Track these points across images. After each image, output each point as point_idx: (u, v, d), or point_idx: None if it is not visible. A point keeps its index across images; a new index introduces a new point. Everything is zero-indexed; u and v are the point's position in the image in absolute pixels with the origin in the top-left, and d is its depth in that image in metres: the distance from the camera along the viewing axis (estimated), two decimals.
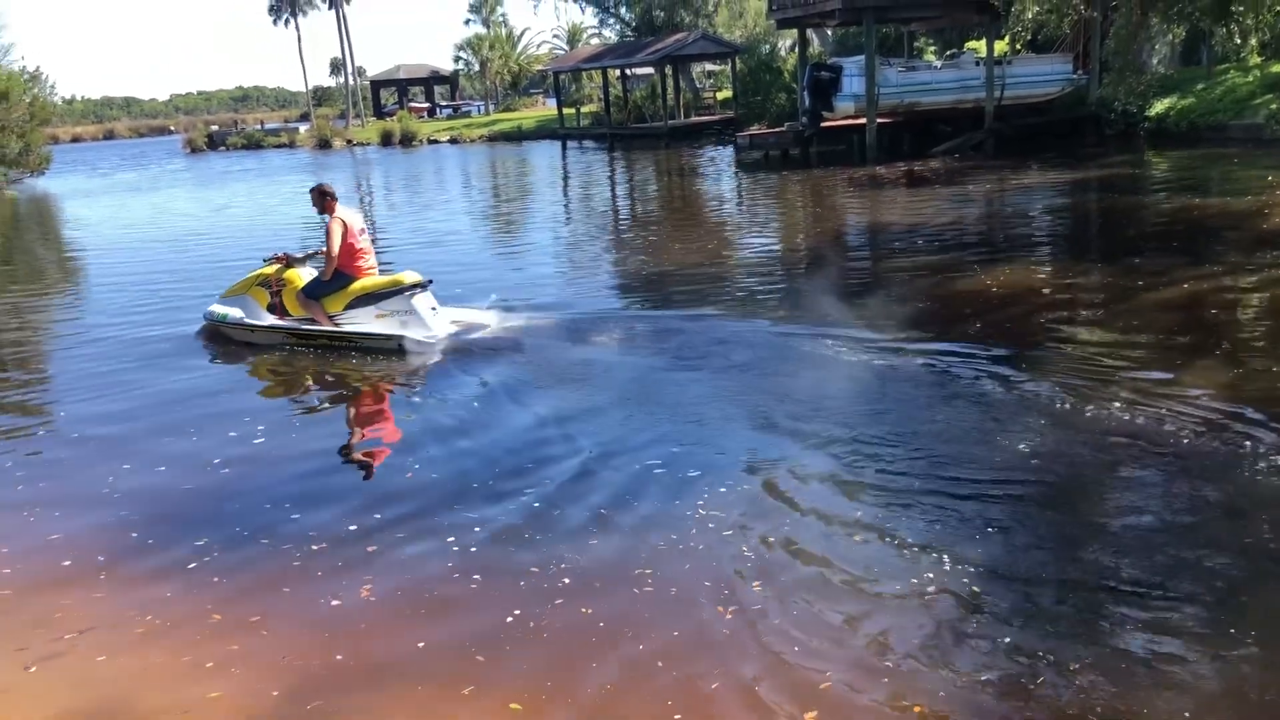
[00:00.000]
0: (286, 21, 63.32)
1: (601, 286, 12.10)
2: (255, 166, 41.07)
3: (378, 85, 75.50)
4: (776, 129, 28.67)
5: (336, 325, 9.25)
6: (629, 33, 48.44)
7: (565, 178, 29.09)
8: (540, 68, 65.28)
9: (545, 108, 66.07)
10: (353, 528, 5.31)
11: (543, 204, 22.67)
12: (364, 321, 9.20)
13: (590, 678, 3.90)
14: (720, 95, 43.99)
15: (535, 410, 7.12)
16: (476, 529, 5.20)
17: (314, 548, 5.10)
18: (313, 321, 9.34)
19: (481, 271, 13.21)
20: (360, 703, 3.85)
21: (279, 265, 9.77)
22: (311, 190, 9.51)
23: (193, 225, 21.83)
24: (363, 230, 9.47)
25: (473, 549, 4.98)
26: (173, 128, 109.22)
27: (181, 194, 30.76)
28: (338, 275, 9.22)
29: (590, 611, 4.34)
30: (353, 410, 7.91)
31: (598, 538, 5.00)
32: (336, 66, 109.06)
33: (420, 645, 4.19)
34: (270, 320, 9.61)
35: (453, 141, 48.94)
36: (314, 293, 9.34)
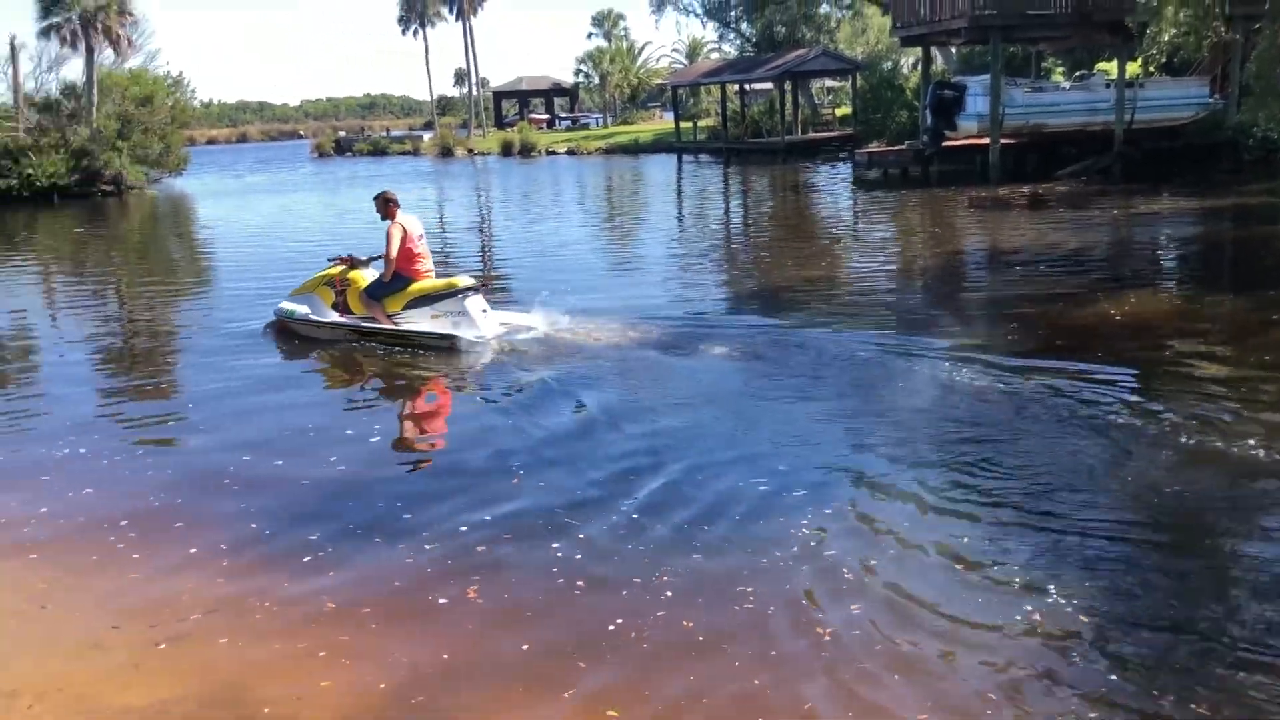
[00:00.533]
0: (415, 32, 65.00)
1: (710, 300, 12.12)
2: (380, 173, 42.24)
3: (500, 96, 77.01)
4: (896, 147, 28.32)
5: (395, 324, 9.73)
6: (749, 48, 48.46)
7: (679, 191, 29.27)
8: (659, 81, 65.79)
9: (662, 121, 66.43)
10: (462, 529, 5.43)
11: (656, 217, 22.80)
12: (420, 321, 9.68)
13: (688, 690, 3.92)
14: (839, 112, 43.66)
15: (637, 420, 7.17)
16: (580, 535, 5.26)
17: (425, 546, 5.23)
18: (373, 320, 9.82)
19: (591, 282, 13.37)
20: (463, 700, 3.94)
21: (343, 266, 10.26)
22: (376, 197, 9.99)
23: (313, 226, 22.61)
24: (421, 236, 9.96)
25: (576, 556, 5.04)
26: (302, 132, 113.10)
27: (308, 197, 31.87)
28: (397, 277, 9.75)
29: (691, 625, 4.35)
30: (456, 414, 8.07)
31: (700, 553, 5.01)
32: (460, 77, 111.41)
33: (524, 648, 4.26)
34: (334, 318, 10.12)
35: (570, 153, 49.60)
36: (375, 293, 9.84)
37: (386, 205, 9.84)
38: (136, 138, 35.59)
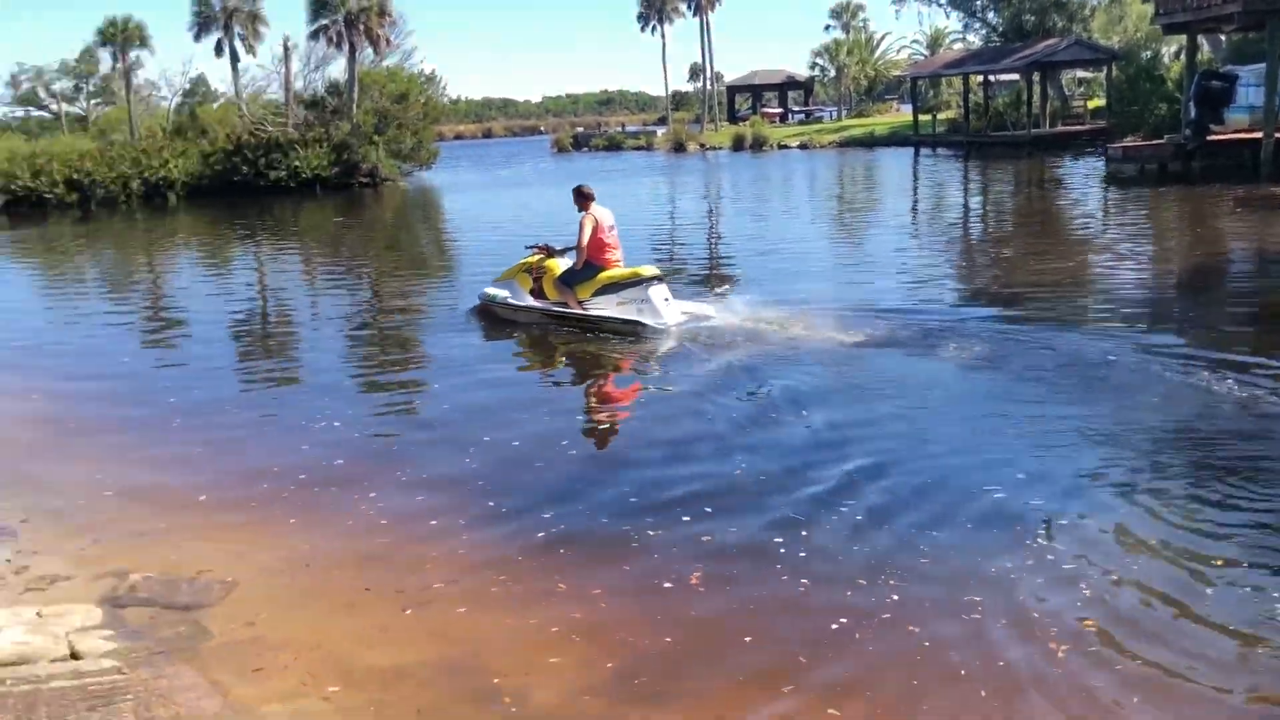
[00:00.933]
0: (653, 29, 66.03)
1: (941, 295, 11.75)
2: (615, 168, 43.26)
3: (733, 90, 77.25)
4: (1154, 141, 26.56)
5: (585, 310, 10.33)
6: (994, 38, 46.53)
7: (915, 185, 28.47)
8: (897, 73, 64.25)
9: (898, 114, 64.83)
10: (685, 518, 5.51)
11: (888, 211, 22.32)
12: (607, 307, 10.23)
13: (909, 695, 3.85)
14: (1091, 104, 41.31)
15: (856, 416, 7.07)
16: (803, 532, 5.24)
17: (650, 532, 5.35)
18: (565, 305, 10.49)
19: (817, 278, 13.24)
20: (685, 686, 4.01)
21: (540, 255, 10.95)
22: (573, 190, 10.65)
23: (547, 218, 23.39)
24: (612, 227, 10.49)
25: (801, 553, 5.02)
26: (542, 128, 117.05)
27: (545, 191, 33.00)
28: (588, 265, 10.39)
29: (916, 630, 4.27)
30: (670, 401, 8.05)
31: (929, 558, 4.89)
32: (695, 72, 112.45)
33: (746, 639, 4.29)
34: (530, 302, 10.84)
35: (803, 147, 49.17)
36: (568, 280, 10.51)
37: (582, 198, 10.45)
38: (392, 133, 37.88)
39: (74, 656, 4.12)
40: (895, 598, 4.53)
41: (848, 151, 44.70)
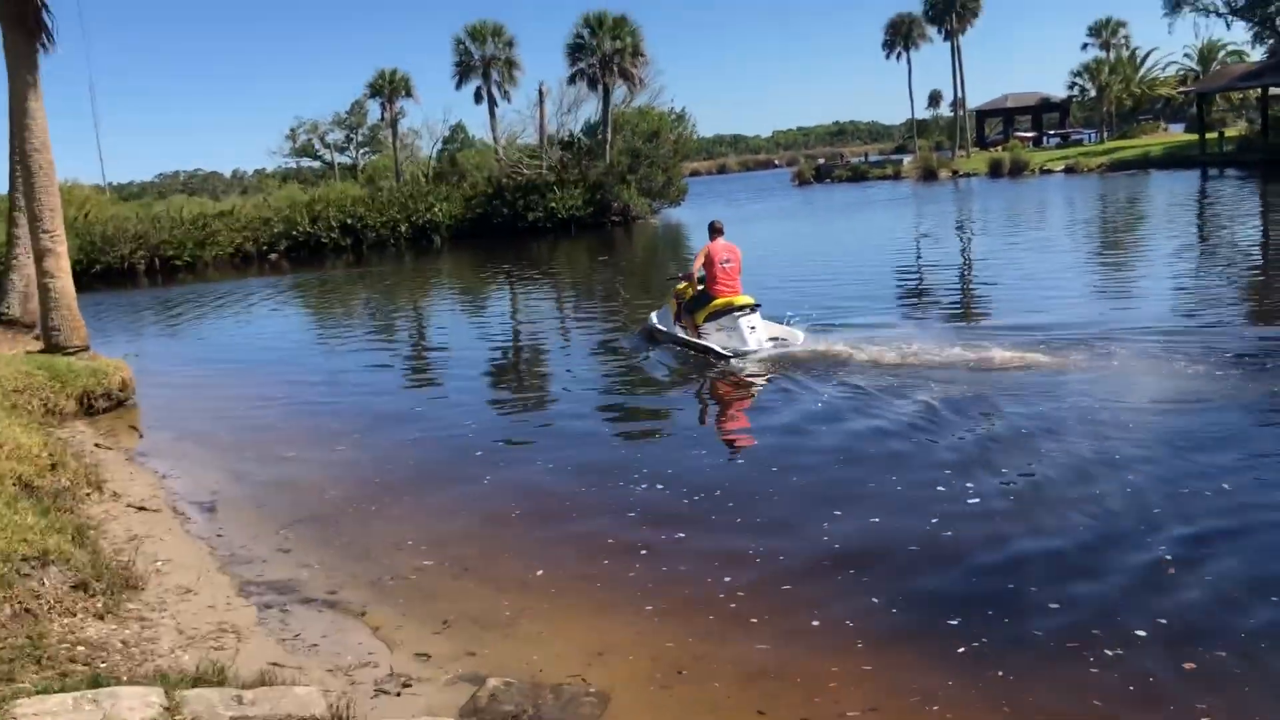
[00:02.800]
0: (899, 55, 64.15)
1: (1205, 346, 9.58)
2: (864, 198, 41.84)
3: (982, 115, 73.97)
4: None
5: (699, 335, 11.19)
6: None
7: (1201, 214, 25.20)
8: (1165, 92, 59.87)
9: (1167, 134, 60.14)
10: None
11: (1161, 245, 19.17)
12: (711, 333, 11.10)
13: None
14: None
15: (1145, 460, 5.70)
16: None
17: (1076, 635, 4.25)
18: (686, 329, 11.51)
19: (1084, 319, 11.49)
20: None
21: (685, 284, 11.85)
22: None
23: (817, 254, 22.44)
24: (728, 260, 11.31)
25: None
26: (776, 161, 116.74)
27: (801, 226, 32.02)
28: (703, 293, 11.33)
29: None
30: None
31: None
32: (934, 98, 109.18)
33: None
34: (672, 328, 11.87)
35: (1068, 170, 46.14)
36: (690, 307, 11.53)
37: (711, 231, 11.57)
38: (644, 171, 38.00)
39: None
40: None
41: (1121, 175, 41.30)
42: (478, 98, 44.33)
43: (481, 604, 5.25)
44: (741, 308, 10.95)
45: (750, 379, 10.13)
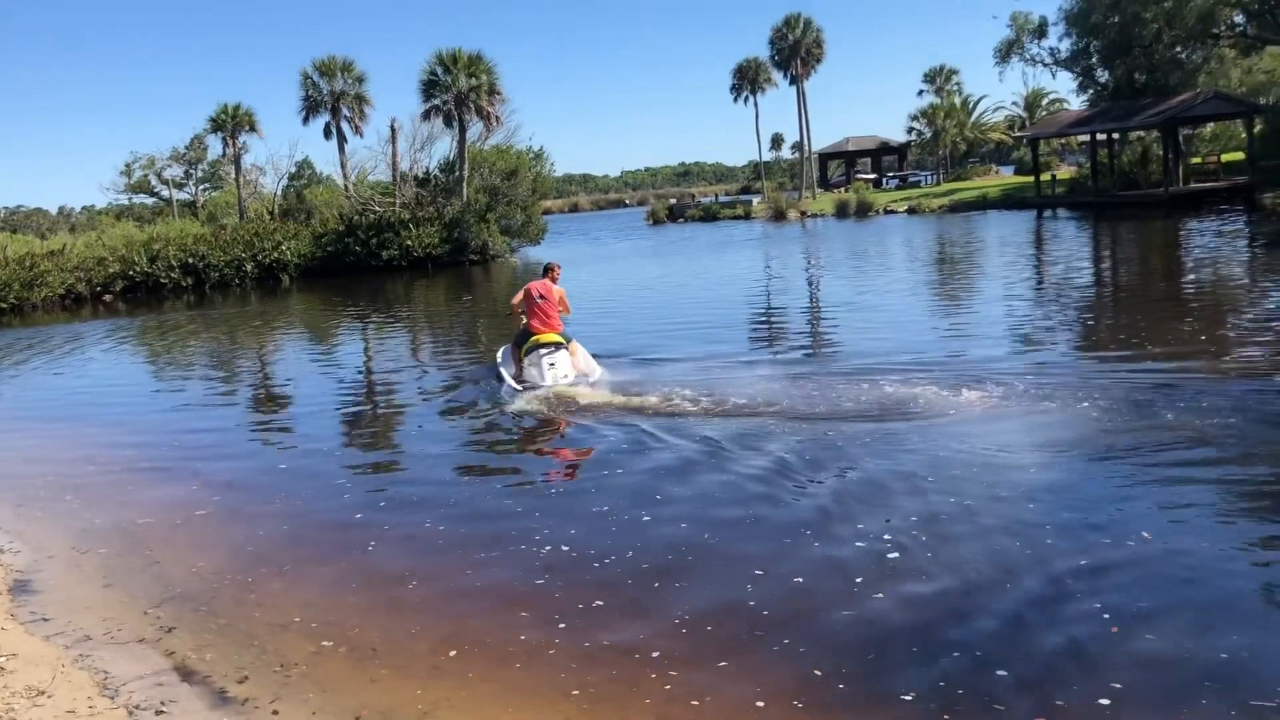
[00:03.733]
0: (746, 99, 65.73)
1: (1040, 370, 9.86)
2: (720, 238, 42.29)
3: (825, 157, 76.46)
4: None
5: (522, 369, 11.80)
6: (1102, 99, 44.65)
7: (1037, 251, 26.33)
8: (1010, 133, 63.15)
9: (1000, 176, 63.34)
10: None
11: (997, 279, 20.20)
12: (527, 368, 11.75)
13: None
14: (1224, 158, 39.29)
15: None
16: None
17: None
18: (516, 364, 11.97)
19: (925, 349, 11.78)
20: None
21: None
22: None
23: (686, 289, 22.37)
24: (542, 296, 11.93)
25: None
26: (626, 201, 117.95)
27: (671, 264, 32.05)
28: (524, 331, 11.95)
29: None
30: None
31: None
32: (776, 141, 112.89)
33: None
34: (508, 363, 12.32)
35: (911, 211, 47.83)
36: (517, 342, 12.05)
37: (544, 269, 12.43)
38: (501, 209, 37.49)
39: None
40: None
41: (959, 216, 43.02)
42: (327, 133, 43.15)
43: (393, 696, 4.69)
44: (546, 345, 11.69)
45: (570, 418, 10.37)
